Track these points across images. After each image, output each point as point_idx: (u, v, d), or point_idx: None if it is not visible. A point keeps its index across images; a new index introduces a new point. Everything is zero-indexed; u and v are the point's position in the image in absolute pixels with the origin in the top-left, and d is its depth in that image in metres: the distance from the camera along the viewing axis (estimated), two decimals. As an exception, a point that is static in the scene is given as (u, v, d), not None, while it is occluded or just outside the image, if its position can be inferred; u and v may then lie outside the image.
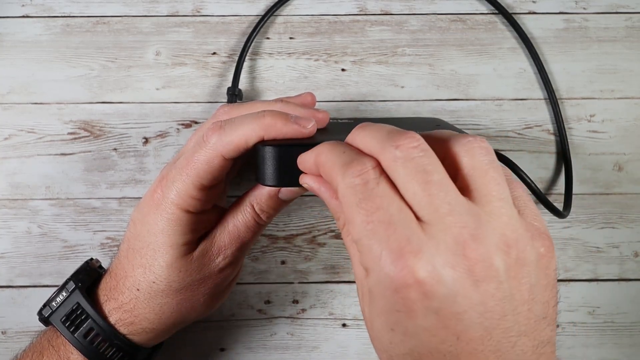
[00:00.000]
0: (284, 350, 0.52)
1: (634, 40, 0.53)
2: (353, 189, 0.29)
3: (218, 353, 0.52)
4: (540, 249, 0.30)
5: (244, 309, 0.52)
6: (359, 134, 0.32)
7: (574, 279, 0.52)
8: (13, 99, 0.51)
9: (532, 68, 0.52)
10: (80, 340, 0.40)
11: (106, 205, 0.51)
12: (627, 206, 0.52)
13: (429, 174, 0.28)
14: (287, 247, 0.52)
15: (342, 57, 0.52)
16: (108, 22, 0.52)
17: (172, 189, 0.39)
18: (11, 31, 0.52)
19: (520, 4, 0.53)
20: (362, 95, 0.52)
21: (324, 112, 0.41)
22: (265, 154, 0.37)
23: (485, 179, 0.30)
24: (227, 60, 0.52)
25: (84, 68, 0.52)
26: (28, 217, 0.51)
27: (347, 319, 0.52)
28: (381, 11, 0.53)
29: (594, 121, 0.52)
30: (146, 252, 0.40)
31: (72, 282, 0.42)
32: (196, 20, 0.52)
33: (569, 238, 0.52)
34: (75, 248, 0.51)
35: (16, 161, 0.51)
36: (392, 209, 0.28)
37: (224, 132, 0.37)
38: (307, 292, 0.52)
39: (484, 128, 0.52)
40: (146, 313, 0.41)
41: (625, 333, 0.52)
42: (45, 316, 0.42)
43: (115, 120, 0.52)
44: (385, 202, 0.28)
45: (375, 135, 0.31)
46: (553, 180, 0.52)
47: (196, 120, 0.52)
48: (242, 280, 0.52)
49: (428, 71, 0.52)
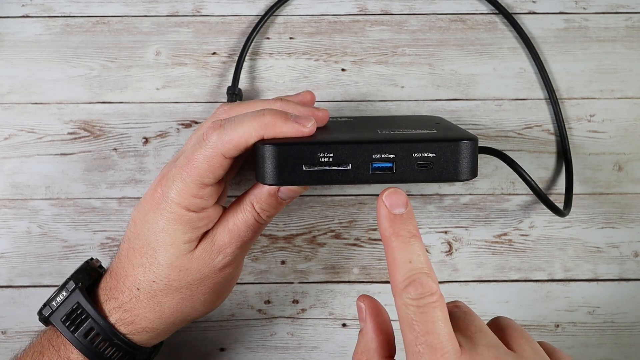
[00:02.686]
0: (284, 350, 0.52)
1: (634, 40, 0.53)
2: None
3: (218, 353, 0.52)
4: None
5: (244, 309, 0.52)
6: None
7: (574, 279, 0.52)
8: (13, 99, 0.51)
9: (532, 68, 0.52)
10: (80, 339, 0.40)
11: (106, 205, 0.51)
12: (627, 206, 0.52)
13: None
14: (287, 247, 0.52)
15: (342, 57, 0.52)
16: (108, 22, 0.52)
17: (172, 187, 0.39)
18: (11, 31, 0.52)
19: (520, 4, 0.53)
20: (362, 95, 0.52)
21: (324, 111, 0.41)
22: (265, 153, 0.37)
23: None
24: (227, 60, 0.52)
25: (84, 68, 0.52)
26: (28, 217, 0.51)
27: (347, 319, 0.52)
28: (381, 11, 0.53)
29: (594, 121, 0.52)
30: (146, 251, 0.40)
31: (72, 281, 0.42)
32: (196, 20, 0.52)
33: (569, 238, 0.52)
34: (75, 248, 0.51)
35: (16, 161, 0.51)
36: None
37: (224, 131, 0.37)
38: (307, 292, 0.52)
39: (484, 128, 0.52)
40: (146, 312, 0.41)
41: (625, 333, 0.52)
42: (46, 316, 0.42)
43: (115, 120, 0.52)
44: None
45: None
46: (553, 180, 0.52)
47: (196, 120, 0.52)
48: (242, 280, 0.52)
49: (428, 71, 0.52)
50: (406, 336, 0.32)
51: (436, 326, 0.31)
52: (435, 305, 0.31)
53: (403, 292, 0.32)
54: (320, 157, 0.37)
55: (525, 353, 0.33)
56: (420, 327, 0.31)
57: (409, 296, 0.31)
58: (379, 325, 0.34)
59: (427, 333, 0.31)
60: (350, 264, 0.52)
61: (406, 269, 0.32)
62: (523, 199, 0.52)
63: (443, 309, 0.32)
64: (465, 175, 0.38)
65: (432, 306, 0.31)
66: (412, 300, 0.31)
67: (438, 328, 0.31)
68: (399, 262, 0.32)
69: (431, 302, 0.31)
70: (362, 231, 0.52)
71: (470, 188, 0.52)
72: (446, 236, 0.52)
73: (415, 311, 0.31)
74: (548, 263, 0.52)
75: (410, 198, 0.51)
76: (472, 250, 0.52)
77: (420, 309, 0.31)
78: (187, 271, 0.40)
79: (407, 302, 0.31)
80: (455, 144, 0.38)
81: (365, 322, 0.35)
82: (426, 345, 0.31)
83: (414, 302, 0.31)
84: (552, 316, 0.52)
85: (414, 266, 0.32)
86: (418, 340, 0.31)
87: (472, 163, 0.38)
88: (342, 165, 0.38)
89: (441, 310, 0.31)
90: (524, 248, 0.52)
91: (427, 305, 0.31)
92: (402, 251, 0.33)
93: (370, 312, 0.35)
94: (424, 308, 0.31)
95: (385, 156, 0.38)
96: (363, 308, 0.35)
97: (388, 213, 0.34)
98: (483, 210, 0.52)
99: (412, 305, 0.31)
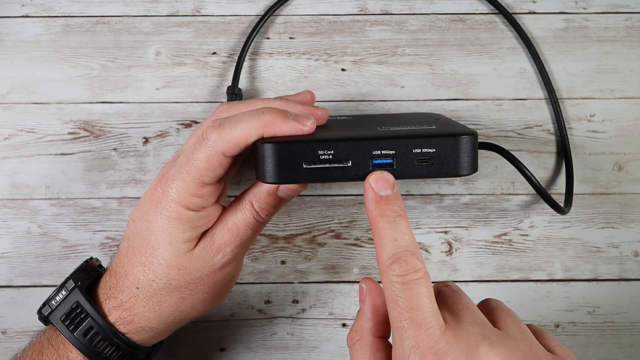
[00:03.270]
0: (284, 350, 0.52)
1: (634, 40, 0.53)
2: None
3: (218, 353, 0.52)
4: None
5: (244, 309, 0.52)
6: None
7: (574, 279, 0.52)
8: (13, 99, 0.52)
9: (532, 68, 0.52)
10: (79, 339, 0.40)
11: (106, 205, 0.51)
12: (627, 206, 0.52)
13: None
14: (287, 247, 0.52)
15: (342, 57, 0.52)
16: (108, 22, 0.52)
17: (172, 186, 0.39)
18: (11, 31, 0.52)
19: (520, 4, 0.53)
20: (362, 95, 0.52)
21: (323, 109, 0.41)
22: (264, 151, 0.37)
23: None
24: (227, 60, 0.52)
25: (84, 68, 0.52)
26: (28, 217, 0.51)
27: (347, 319, 0.52)
28: (381, 11, 0.53)
29: (594, 121, 0.52)
30: (146, 250, 0.40)
31: (71, 280, 0.42)
32: (196, 20, 0.52)
33: (569, 238, 0.52)
34: (75, 248, 0.51)
35: (16, 161, 0.51)
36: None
37: (224, 130, 0.37)
38: (307, 292, 0.52)
39: (484, 128, 0.52)
40: (145, 311, 0.41)
41: (625, 333, 0.52)
42: (45, 315, 0.42)
43: (115, 120, 0.52)
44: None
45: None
46: (553, 180, 0.52)
47: (196, 120, 0.52)
48: (242, 280, 0.52)
49: (428, 71, 0.52)
50: (391, 313, 0.32)
51: (420, 302, 0.31)
52: (420, 282, 0.32)
53: (388, 270, 0.32)
54: (320, 154, 0.37)
55: (512, 331, 0.33)
56: (404, 303, 0.31)
57: (394, 273, 0.32)
58: (375, 306, 0.35)
59: (411, 309, 0.31)
60: (350, 264, 0.52)
61: (391, 247, 0.33)
62: (523, 199, 0.52)
63: (428, 285, 0.32)
64: (466, 170, 0.38)
65: (417, 283, 0.32)
66: (397, 277, 0.32)
67: (422, 304, 0.31)
68: (384, 241, 0.33)
69: (416, 279, 0.32)
70: (362, 231, 0.52)
71: (470, 188, 0.52)
72: (446, 236, 0.52)
73: (400, 288, 0.32)
74: (548, 263, 0.52)
75: (410, 198, 0.52)
76: (472, 250, 0.52)
77: (405, 285, 0.32)
78: (186, 270, 0.40)
79: (392, 279, 0.32)
80: (455, 139, 0.38)
81: (363, 302, 0.35)
82: (410, 321, 0.31)
83: (398, 278, 0.32)
84: (552, 316, 0.52)
85: (399, 244, 0.33)
86: (402, 316, 0.31)
87: (472, 158, 0.38)
88: (342, 163, 0.38)
89: (426, 287, 0.32)
90: (524, 248, 0.52)
91: (412, 282, 0.32)
92: (388, 230, 0.33)
93: (370, 294, 0.35)
94: (409, 285, 0.32)
95: (385, 152, 0.38)
96: (364, 289, 0.36)
97: (375, 195, 0.35)
98: (483, 210, 0.52)
99: (397, 282, 0.32)
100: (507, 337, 0.32)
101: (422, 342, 0.31)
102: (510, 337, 0.32)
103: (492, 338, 0.31)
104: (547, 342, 0.34)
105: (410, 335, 0.31)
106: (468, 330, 0.32)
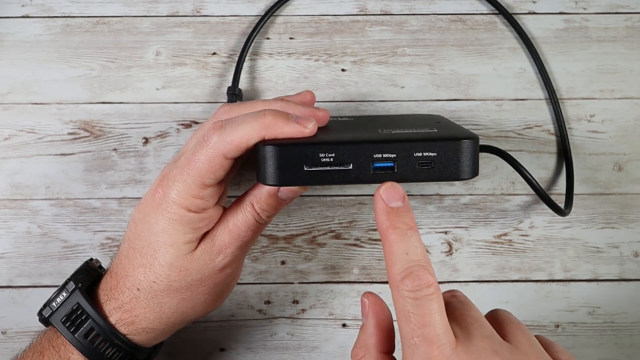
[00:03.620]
0: (284, 350, 0.52)
1: (634, 40, 0.53)
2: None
3: (218, 353, 0.52)
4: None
5: (244, 309, 0.52)
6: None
7: (574, 279, 0.52)
8: (13, 99, 0.51)
9: (532, 68, 0.52)
10: (80, 340, 0.40)
11: (106, 205, 0.51)
12: (627, 206, 0.52)
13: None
14: (287, 247, 0.52)
15: (342, 57, 0.52)
16: (108, 22, 0.52)
17: (173, 188, 0.39)
18: (11, 31, 0.52)
19: (520, 4, 0.53)
20: (362, 95, 0.52)
21: (324, 111, 0.41)
22: (265, 153, 0.37)
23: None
24: (227, 60, 0.52)
25: (84, 68, 0.52)
26: (28, 217, 0.51)
27: (347, 319, 0.52)
28: (381, 11, 0.53)
29: (594, 121, 0.52)
30: (147, 251, 0.40)
31: (72, 282, 0.42)
32: (196, 21, 0.52)
33: (569, 238, 0.52)
34: (75, 248, 0.51)
35: (16, 161, 0.51)
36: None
37: (225, 132, 0.37)
38: (307, 292, 0.52)
39: (483, 128, 0.52)
40: (146, 313, 0.41)
41: (625, 333, 0.52)
42: (46, 316, 0.42)
43: (115, 121, 0.52)
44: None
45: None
46: (553, 181, 0.52)
47: (196, 120, 0.52)
48: (242, 280, 0.52)
49: (428, 71, 0.52)
50: (402, 329, 0.32)
51: (432, 319, 0.31)
52: (432, 297, 0.31)
53: (400, 284, 0.32)
54: (321, 157, 0.37)
55: (521, 345, 0.32)
56: (416, 319, 0.31)
57: (406, 288, 0.31)
58: (380, 321, 0.34)
59: (423, 325, 0.31)
60: (350, 264, 0.52)
61: (403, 261, 0.32)
62: (523, 199, 0.52)
63: (439, 301, 0.31)
64: (467, 174, 0.38)
65: (429, 298, 0.31)
66: (409, 293, 0.31)
67: (434, 320, 0.31)
68: (396, 255, 0.32)
69: (428, 295, 0.31)
70: (362, 231, 0.52)
71: (470, 188, 0.52)
72: (446, 236, 0.52)
73: (412, 303, 0.31)
74: (548, 263, 0.52)
75: (410, 198, 0.51)
76: (472, 251, 0.52)
77: (417, 301, 0.31)
78: (187, 272, 0.40)
79: (404, 295, 0.31)
80: (457, 143, 0.38)
81: (367, 317, 0.35)
82: (422, 338, 0.31)
83: (410, 294, 0.31)
84: (552, 316, 0.52)
85: (411, 258, 0.32)
86: (414, 333, 0.31)
87: (473, 162, 0.38)
88: (343, 165, 0.38)
89: (437, 303, 0.31)
90: (524, 248, 0.52)
91: (424, 297, 0.31)
92: (399, 243, 0.33)
93: (373, 308, 0.35)
94: (421, 300, 0.31)
95: (386, 156, 0.38)
96: (366, 304, 0.35)
97: (385, 206, 0.34)
98: (483, 210, 0.52)
99: (408, 298, 0.31)
100: (518, 352, 0.32)
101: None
102: (521, 351, 0.32)
103: (503, 353, 0.31)
104: (556, 354, 0.34)
105: (422, 352, 0.31)
106: (478, 345, 0.31)
